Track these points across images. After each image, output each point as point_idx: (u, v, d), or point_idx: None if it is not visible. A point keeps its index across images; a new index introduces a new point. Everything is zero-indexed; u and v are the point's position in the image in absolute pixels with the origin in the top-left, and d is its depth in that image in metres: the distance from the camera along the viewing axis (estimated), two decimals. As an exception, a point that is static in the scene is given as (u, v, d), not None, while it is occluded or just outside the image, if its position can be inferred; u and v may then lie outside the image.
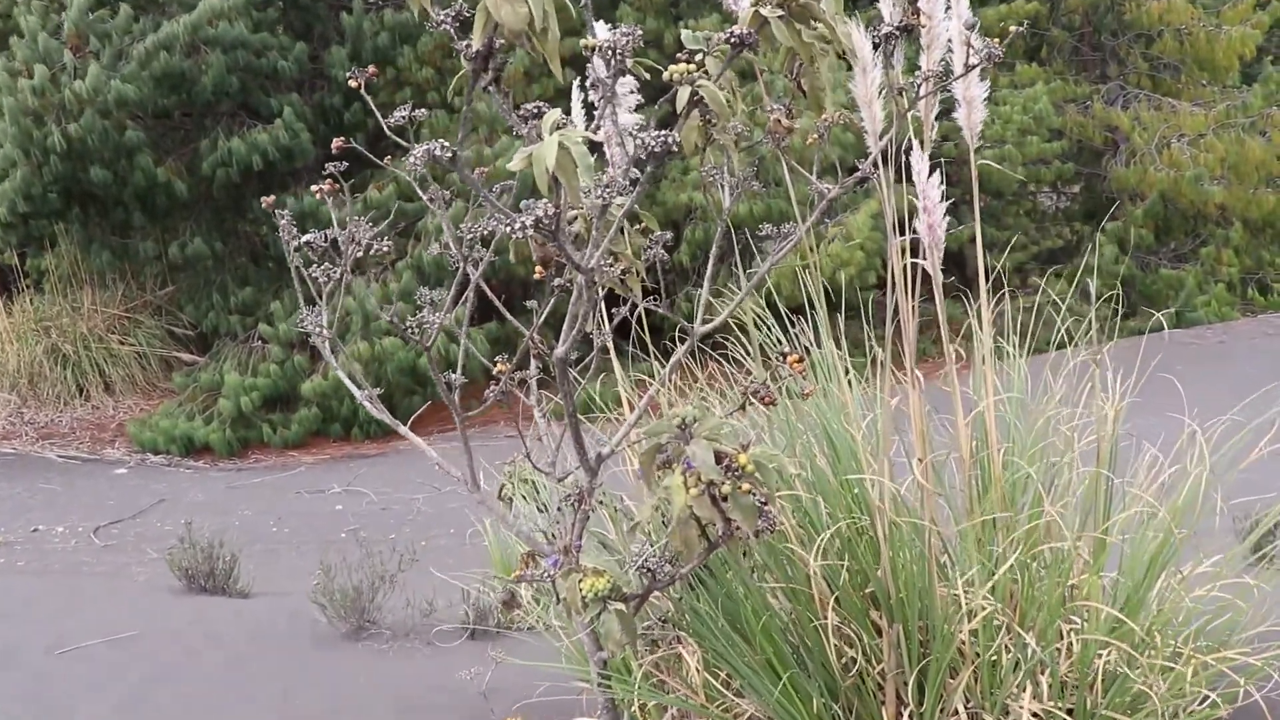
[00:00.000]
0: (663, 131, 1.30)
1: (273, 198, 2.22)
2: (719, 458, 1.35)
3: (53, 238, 9.73)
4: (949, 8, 1.86)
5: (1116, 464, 2.12)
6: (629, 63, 1.58)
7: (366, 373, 8.27)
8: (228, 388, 8.72)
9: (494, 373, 2.09)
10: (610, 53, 1.34)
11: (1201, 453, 2.08)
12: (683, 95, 1.34)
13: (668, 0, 10.09)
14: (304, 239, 1.80)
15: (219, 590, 4.17)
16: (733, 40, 1.37)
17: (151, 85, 8.14)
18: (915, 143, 1.84)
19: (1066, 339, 2.69)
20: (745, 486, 1.34)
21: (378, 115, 1.81)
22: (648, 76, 1.70)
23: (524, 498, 2.64)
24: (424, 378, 8.48)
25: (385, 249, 1.83)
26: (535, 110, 1.54)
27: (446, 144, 1.34)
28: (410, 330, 1.75)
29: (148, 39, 8.06)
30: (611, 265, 1.62)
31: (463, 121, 1.45)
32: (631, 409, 2.30)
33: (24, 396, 9.43)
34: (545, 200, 1.36)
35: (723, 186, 2.04)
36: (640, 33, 1.54)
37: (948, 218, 2.03)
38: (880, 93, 2.01)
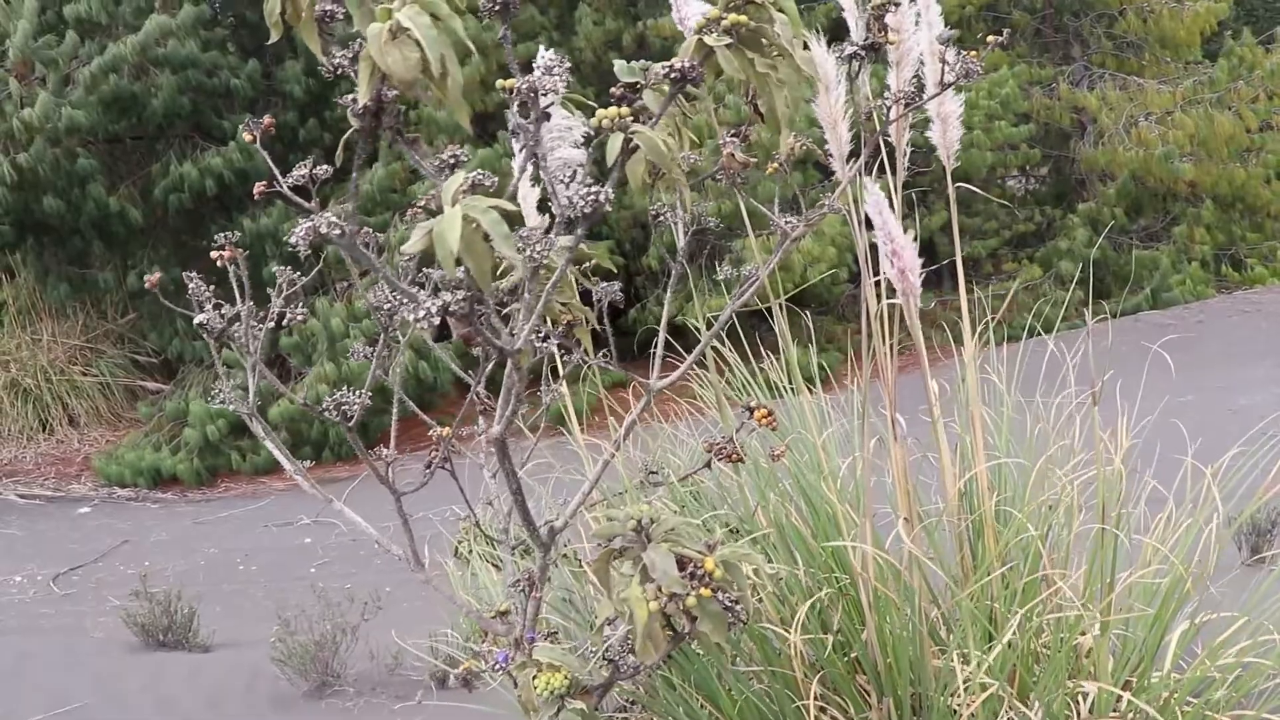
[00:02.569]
0: (593, 188, 1.15)
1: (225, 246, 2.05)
2: (682, 563, 1.21)
3: (9, 269, 9.49)
4: (919, 19, 1.72)
5: (1120, 499, 1.97)
6: (556, 98, 1.43)
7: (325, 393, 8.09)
8: (193, 416, 8.52)
9: (443, 431, 1.93)
10: (531, 96, 1.19)
11: (1209, 491, 1.94)
12: (614, 144, 1.19)
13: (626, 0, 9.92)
14: (197, 320, 1.64)
15: (178, 644, 3.99)
16: (672, 75, 1.22)
17: (101, 110, 7.92)
18: (878, 179, 1.68)
19: (1039, 326, 2.53)
20: (707, 591, 1.19)
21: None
22: (586, 115, 1.55)
23: (481, 558, 2.49)
24: (425, 385, 8.31)
25: (300, 316, 1.67)
26: (453, 161, 1.39)
27: (335, 220, 1.18)
28: (327, 411, 1.60)
29: (94, 62, 7.83)
30: (541, 336, 1.47)
31: (351, 193, 1.29)
32: (616, 417, 2.12)
33: (-15, 435, 9.19)
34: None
35: (675, 224, 1.90)
36: (567, 65, 1.39)
37: (913, 217, 1.86)
38: (846, 112, 1.86)
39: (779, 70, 1.27)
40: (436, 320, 1.08)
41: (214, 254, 1.60)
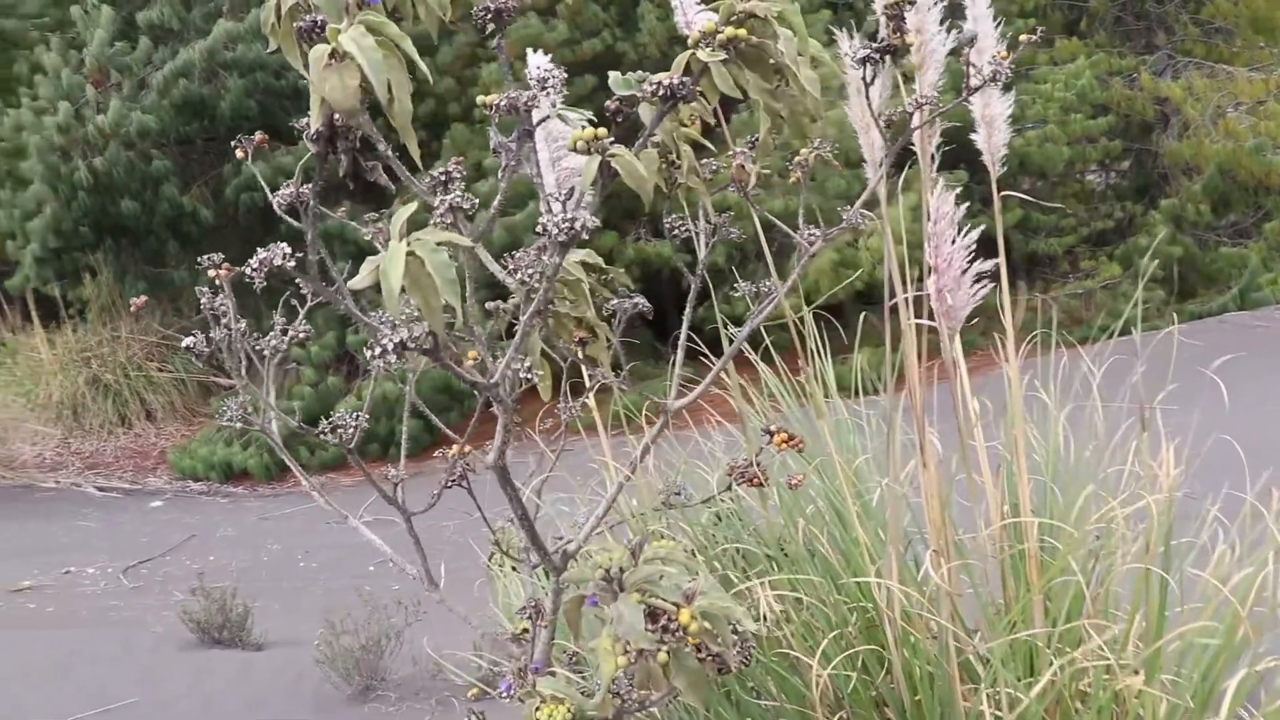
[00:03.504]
0: (571, 215, 1.09)
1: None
2: (655, 615, 1.14)
3: (91, 269, 9.77)
4: (944, 21, 1.63)
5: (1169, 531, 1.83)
6: (550, 111, 1.37)
7: (399, 392, 8.18)
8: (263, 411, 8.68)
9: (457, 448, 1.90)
10: (518, 111, 1.14)
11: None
12: (590, 167, 1.13)
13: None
14: (185, 343, 1.63)
15: (233, 642, 4.05)
16: (661, 92, 1.15)
17: (172, 113, 8.10)
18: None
19: (1117, 327, 2.36)
20: (690, 637, 1.13)
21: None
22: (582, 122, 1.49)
23: (514, 569, 2.45)
24: (458, 393, 8.36)
25: (303, 333, 1.65)
26: (444, 177, 1.34)
27: (290, 252, 1.15)
28: (323, 433, 1.57)
29: (166, 67, 8.01)
30: (526, 368, 1.41)
31: (310, 223, 1.25)
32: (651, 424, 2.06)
33: (69, 428, 9.47)
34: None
35: (696, 236, 1.83)
36: (563, 75, 1.33)
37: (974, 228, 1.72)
38: (880, 116, 1.77)
39: (779, 94, 1.20)
40: (394, 358, 1.04)
41: (211, 273, 1.58)
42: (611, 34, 9.44)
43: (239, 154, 1.41)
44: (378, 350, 1.03)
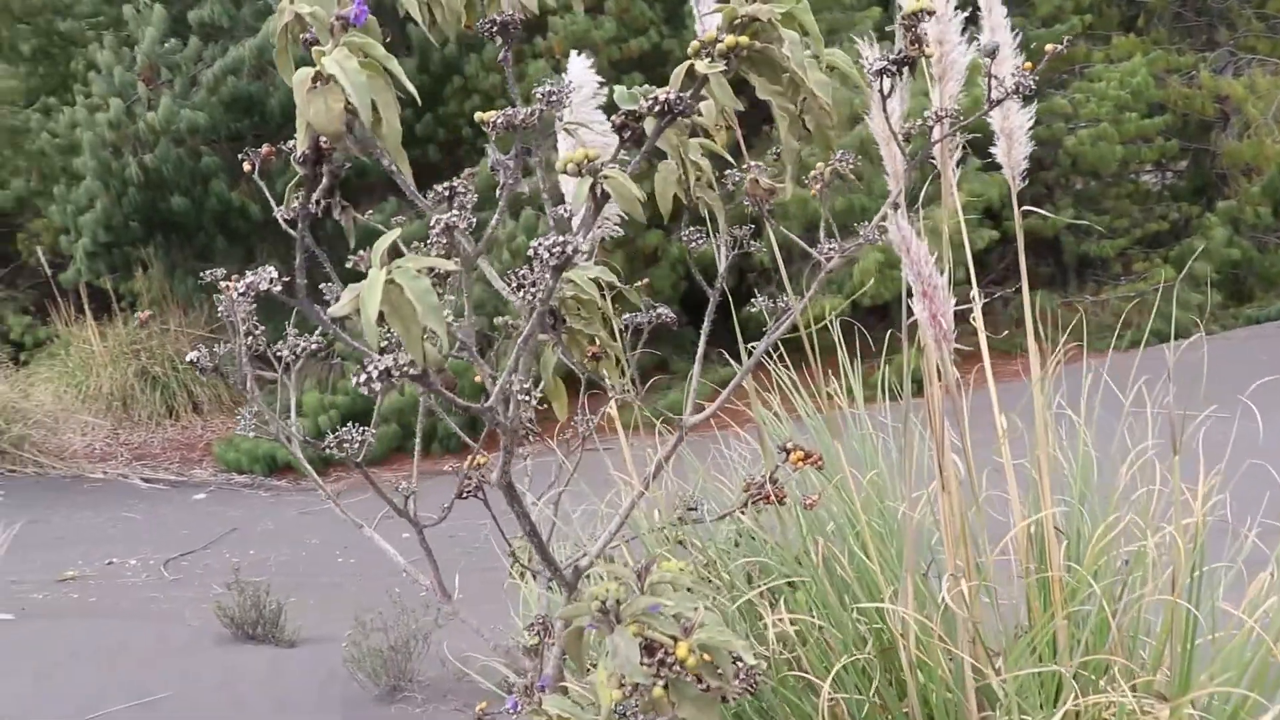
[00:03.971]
0: (563, 238, 1.06)
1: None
2: (651, 649, 1.11)
3: (143, 262, 9.93)
4: (965, 30, 1.57)
5: (1198, 560, 1.76)
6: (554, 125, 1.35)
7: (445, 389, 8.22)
8: (307, 406, 8.77)
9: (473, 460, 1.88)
10: (510, 129, 1.11)
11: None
12: (580, 190, 1.10)
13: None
14: (189, 357, 1.62)
15: (266, 638, 4.08)
16: (656, 109, 1.12)
17: (222, 110, 8.21)
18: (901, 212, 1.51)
19: (1171, 331, 2.27)
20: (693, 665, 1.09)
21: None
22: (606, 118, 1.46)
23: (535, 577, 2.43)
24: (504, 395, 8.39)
25: (314, 344, 1.64)
26: (447, 191, 1.32)
27: (276, 275, 1.13)
28: (329, 448, 1.56)
29: (216, 64, 8.12)
30: (525, 390, 1.38)
31: (299, 246, 1.23)
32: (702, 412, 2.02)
33: (118, 419, 9.64)
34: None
35: (717, 249, 1.80)
36: (570, 91, 1.30)
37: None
38: (900, 129, 1.72)
39: (799, 101, 1.16)
40: (379, 386, 1.01)
41: (221, 284, 1.57)
42: (659, 31, 9.41)
43: (245, 167, 1.39)
44: (363, 378, 1.00)
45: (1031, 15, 10.03)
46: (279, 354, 1.90)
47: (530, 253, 1.03)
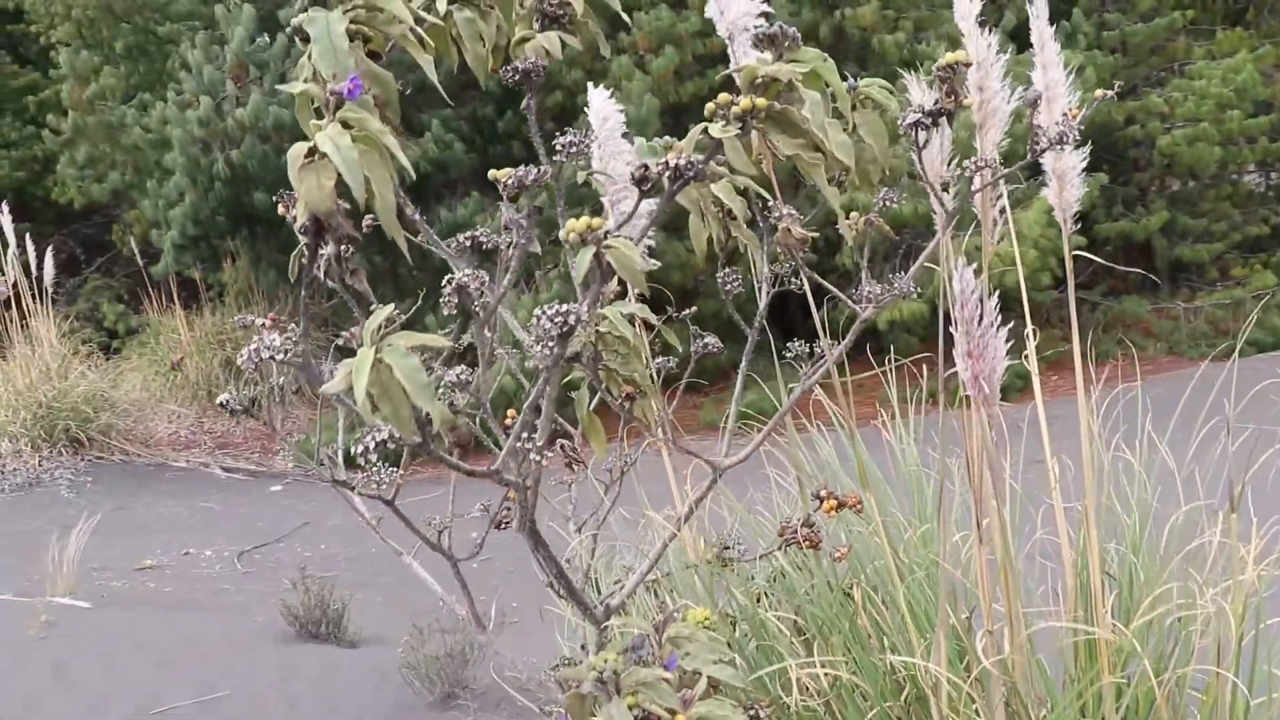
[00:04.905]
0: (567, 307, 1.03)
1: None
2: (648, 723, 1.07)
3: (231, 254, 10.20)
4: (1008, 74, 1.48)
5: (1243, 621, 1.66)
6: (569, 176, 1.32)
7: (519, 387, 8.27)
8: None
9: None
10: (518, 187, 1.08)
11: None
12: (584, 259, 1.06)
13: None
14: (220, 399, 1.63)
15: (328, 637, 4.15)
16: (669, 173, 1.07)
17: (306, 108, 8.36)
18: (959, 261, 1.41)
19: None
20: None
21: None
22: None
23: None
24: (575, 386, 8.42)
25: (340, 340, 1.64)
26: (470, 241, 1.30)
27: (279, 344, 1.12)
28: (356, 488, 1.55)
29: (300, 62, 8.26)
30: (539, 447, 1.34)
31: (302, 311, 1.22)
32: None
33: (203, 407, 9.93)
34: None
35: (758, 286, 1.76)
36: (591, 139, 1.27)
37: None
38: (950, 164, 1.65)
39: (808, 155, 1.11)
40: (375, 458, 1.00)
41: (258, 322, 1.58)
42: (737, 29, 9.29)
43: (280, 210, 1.39)
44: (360, 449, 0.99)
45: (1130, 11, 9.68)
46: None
47: (532, 323, 1.00)
